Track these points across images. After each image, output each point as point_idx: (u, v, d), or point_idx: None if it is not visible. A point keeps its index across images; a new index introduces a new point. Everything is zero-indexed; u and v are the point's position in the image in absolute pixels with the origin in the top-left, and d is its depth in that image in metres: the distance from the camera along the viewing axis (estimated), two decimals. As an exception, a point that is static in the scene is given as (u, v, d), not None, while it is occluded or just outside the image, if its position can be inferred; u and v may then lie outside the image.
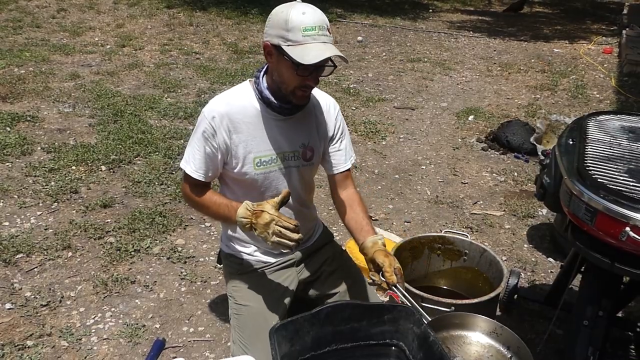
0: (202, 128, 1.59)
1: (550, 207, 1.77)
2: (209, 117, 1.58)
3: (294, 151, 1.68)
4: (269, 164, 1.65)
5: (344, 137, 1.79)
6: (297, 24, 1.42)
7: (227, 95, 1.63)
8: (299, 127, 1.68)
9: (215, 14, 8.08)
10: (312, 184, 1.86)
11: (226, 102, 1.60)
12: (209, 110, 1.59)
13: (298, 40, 1.43)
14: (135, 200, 3.14)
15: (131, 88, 5.01)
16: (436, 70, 6.03)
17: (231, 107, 1.59)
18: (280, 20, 1.45)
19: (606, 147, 1.67)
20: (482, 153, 4.01)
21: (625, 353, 2.17)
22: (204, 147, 1.60)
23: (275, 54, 1.49)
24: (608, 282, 1.65)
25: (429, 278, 2.22)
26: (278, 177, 1.68)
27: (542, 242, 2.90)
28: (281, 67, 1.50)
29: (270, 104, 1.59)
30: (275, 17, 1.47)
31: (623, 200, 1.38)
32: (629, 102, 5.14)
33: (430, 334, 1.34)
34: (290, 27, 1.42)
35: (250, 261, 1.83)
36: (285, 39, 1.44)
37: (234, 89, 1.66)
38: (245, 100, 1.61)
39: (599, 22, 9.17)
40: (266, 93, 1.58)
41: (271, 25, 1.48)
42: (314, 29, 1.43)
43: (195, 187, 1.67)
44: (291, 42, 1.43)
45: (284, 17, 1.44)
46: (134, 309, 2.31)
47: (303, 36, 1.42)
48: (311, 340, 1.42)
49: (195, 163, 1.63)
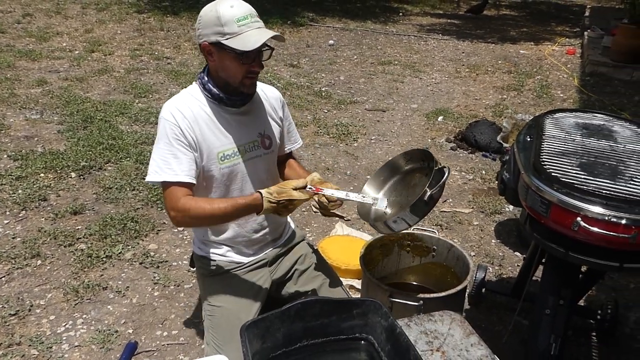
0: (166, 131, 1.58)
1: (510, 201, 1.84)
2: (170, 119, 1.58)
3: (253, 141, 1.73)
4: (232, 157, 1.68)
5: (291, 122, 1.91)
6: (229, 17, 1.50)
7: (179, 99, 1.65)
8: (253, 118, 1.73)
9: (187, 18, 8.04)
10: (277, 175, 1.90)
11: (180, 104, 1.62)
12: (167, 113, 1.60)
13: (235, 32, 1.51)
14: (106, 207, 3.11)
15: (101, 94, 4.95)
16: (406, 73, 6.13)
17: (185, 109, 1.61)
18: (212, 18, 1.52)
19: (561, 143, 1.75)
20: (452, 153, 4.10)
21: (587, 340, 2.26)
22: (177, 149, 1.58)
23: (216, 51, 1.55)
24: (567, 272, 1.73)
25: (399, 275, 2.27)
26: (242, 169, 1.71)
27: (509, 237, 2.99)
28: (224, 61, 1.56)
29: (221, 100, 1.64)
30: (206, 17, 1.54)
31: (575, 192, 1.45)
32: (590, 100, 5.32)
33: (397, 326, 1.39)
34: (224, 21, 1.50)
35: (223, 262, 1.84)
36: (222, 34, 1.51)
37: (183, 93, 1.68)
38: (196, 101, 1.65)
39: (562, 24, 9.46)
40: (215, 91, 1.62)
41: (204, 25, 1.54)
42: (246, 18, 1.52)
43: (186, 195, 1.56)
44: (229, 34, 1.51)
45: (215, 14, 1.51)
46: (106, 314, 2.29)
47: (238, 27, 1.51)
48: (282, 336, 1.44)
49: (174, 168, 1.56)
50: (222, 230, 1.78)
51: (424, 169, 1.73)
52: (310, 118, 4.63)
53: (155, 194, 3.24)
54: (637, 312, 2.45)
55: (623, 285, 2.62)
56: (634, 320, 2.39)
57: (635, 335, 2.30)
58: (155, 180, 1.58)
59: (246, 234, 1.81)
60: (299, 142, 1.96)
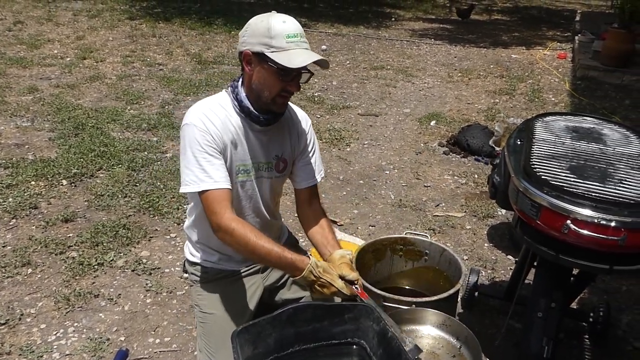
0: (197, 138, 1.53)
1: (501, 204, 1.84)
2: (199, 125, 1.54)
3: (268, 162, 1.69)
4: (246, 173, 1.65)
5: (315, 152, 1.82)
6: (279, 31, 1.47)
7: (206, 106, 1.61)
8: (274, 139, 1.69)
9: (179, 24, 8.04)
10: (280, 195, 1.89)
11: (207, 112, 1.58)
12: (195, 119, 1.55)
13: (282, 47, 1.47)
14: (98, 214, 3.09)
15: (93, 100, 4.93)
16: (399, 77, 6.16)
17: (213, 116, 1.58)
18: (261, 28, 1.49)
19: (551, 146, 1.76)
20: (444, 157, 4.12)
21: (579, 343, 2.27)
22: (211, 155, 1.52)
23: (256, 61, 1.52)
24: (558, 275, 1.74)
25: (392, 279, 2.27)
26: (251, 186, 1.69)
27: (501, 240, 3.00)
28: (263, 73, 1.52)
29: (249, 114, 1.60)
30: (255, 26, 1.51)
31: (565, 195, 1.46)
32: (582, 104, 5.37)
33: (388, 330, 1.39)
34: (273, 34, 1.47)
35: (215, 269, 1.83)
36: (269, 46, 1.48)
37: (212, 100, 1.64)
38: (225, 110, 1.61)
39: (553, 29, 9.55)
40: (246, 103, 1.59)
41: (250, 34, 1.51)
42: (297, 36, 1.49)
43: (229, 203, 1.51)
44: (275, 48, 1.47)
45: (265, 25, 1.48)
46: (98, 322, 2.27)
47: (287, 43, 1.47)
48: (274, 342, 1.44)
49: (213, 175, 1.50)
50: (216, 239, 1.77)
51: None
52: (303, 123, 4.63)
53: (147, 201, 3.22)
54: (629, 314, 2.46)
55: (615, 288, 2.63)
56: (626, 322, 2.40)
57: (627, 338, 2.31)
58: (195, 191, 1.52)
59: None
60: (314, 181, 1.80)
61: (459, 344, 1.58)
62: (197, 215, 1.76)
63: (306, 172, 1.79)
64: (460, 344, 1.57)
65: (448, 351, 1.58)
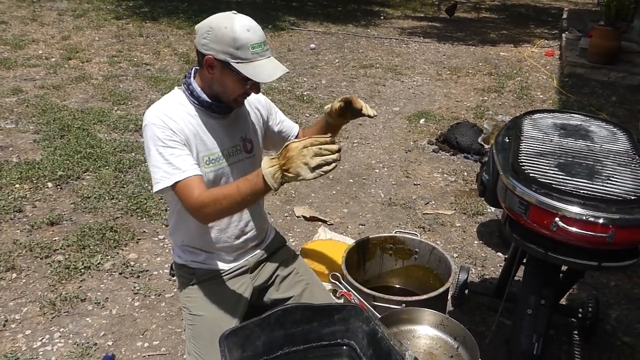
0: (157, 135, 1.53)
1: (489, 202, 1.84)
2: (158, 122, 1.54)
3: (235, 145, 1.71)
4: (217, 162, 1.66)
5: (278, 111, 1.89)
6: (245, 42, 1.47)
7: (162, 105, 1.61)
8: (235, 122, 1.72)
9: (166, 24, 7.97)
10: None
11: (165, 110, 1.59)
12: (154, 118, 1.56)
13: (248, 58, 1.49)
14: (84, 216, 3.05)
15: (78, 102, 4.87)
16: (388, 76, 6.16)
17: (172, 113, 1.58)
18: (226, 37, 1.48)
19: (539, 144, 1.76)
20: (433, 155, 4.12)
21: (569, 339, 2.28)
22: (174, 149, 1.53)
23: (219, 67, 1.52)
24: (547, 272, 1.74)
25: (382, 278, 2.26)
26: (226, 173, 1.70)
27: (491, 238, 3.01)
28: (226, 79, 1.54)
29: (210, 107, 1.62)
30: (219, 32, 1.49)
31: (553, 192, 1.45)
32: (570, 101, 5.40)
33: (378, 331, 1.37)
34: (239, 45, 1.47)
35: (203, 270, 1.81)
36: (234, 56, 1.48)
37: (167, 99, 1.64)
38: (181, 106, 1.62)
39: (541, 27, 9.60)
40: (204, 97, 1.60)
41: (214, 40, 1.50)
42: (260, 46, 1.50)
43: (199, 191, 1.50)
44: (240, 59, 1.49)
45: (230, 34, 1.47)
46: (85, 327, 2.24)
47: (252, 54, 1.49)
48: (262, 344, 1.42)
49: (180, 165, 1.51)
50: (202, 237, 1.76)
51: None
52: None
53: (135, 203, 3.19)
54: (618, 309, 2.47)
55: (604, 284, 2.64)
56: (614, 317, 2.41)
57: (616, 333, 2.32)
58: (167, 185, 1.51)
59: (227, 240, 1.78)
60: (295, 128, 1.94)
61: (456, 344, 1.57)
62: (176, 218, 1.76)
63: (285, 126, 1.89)
64: (457, 344, 1.57)
65: (445, 351, 1.57)
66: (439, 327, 1.62)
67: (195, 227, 1.70)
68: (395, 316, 1.64)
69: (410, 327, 1.64)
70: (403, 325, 1.64)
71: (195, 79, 1.62)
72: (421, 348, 1.58)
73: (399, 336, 1.59)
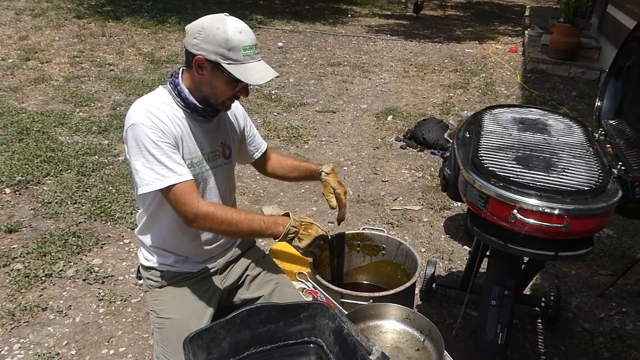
0: (149, 136, 1.49)
1: (452, 197, 1.87)
2: (148, 123, 1.51)
3: (215, 150, 1.70)
4: (197, 166, 1.64)
5: (252, 124, 1.91)
6: (237, 43, 1.47)
7: (149, 103, 1.57)
8: (217, 127, 1.71)
9: (130, 23, 7.81)
10: (234, 185, 1.88)
11: (152, 109, 1.55)
12: (143, 118, 1.51)
13: (239, 60, 1.49)
14: (45, 222, 2.96)
15: (38, 104, 4.72)
16: (356, 74, 6.19)
17: (159, 113, 1.55)
18: (218, 38, 1.47)
19: (498, 138, 1.79)
20: (401, 151, 4.16)
21: (533, 327, 2.34)
22: (168, 150, 1.50)
23: (209, 67, 1.51)
24: (509, 264, 1.78)
25: (350, 275, 2.27)
26: (205, 177, 1.68)
27: (457, 232, 3.06)
28: (216, 81, 1.53)
29: (196, 109, 1.60)
30: (210, 33, 1.47)
31: (511, 185, 1.48)
32: (532, 96, 5.54)
33: (344, 327, 1.38)
34: (231, 46, 1.47)
35: (172, 272, 1.78)
36: (225, 57, 1.48)
37: (152, 97, 1.61)
38: (168, 105, 1.59)
39: (505, 24, 9.82)
40: (191, 99, 1.58)
41: (206, 40, 1.48)
42: (252, 48, 1.51)
43: (200, 197, 1.54)
44: (232, 61, 1.48)
45: (223, 35, 1.46)
46: (47, 337, 2.17)
47: (243, 56, 1.49)
48: (228, 346, 1.41)
49: (175, 169, 1.49)
50: (174, 240, 1.73)
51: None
52: (260, 121, 4.59)
53: (99, 207, 3.11)
54: (579, 296, 2.55)
55: (565, 273, 2.72)
56: (575, 305, 2.49)
57: (577, 320, 2.40)
58: (159, 188, 1.49)
59: (199, 246, 1.75)
60: (264, 145, 1.95)
61: (422, 337, 1.59)
62: (148, 219, 1.71)
63: (255, 142, 1.90)
64: (424, 337, 1.59)
65: (412, 345, 1.59)
66: (405, 322, 1.63)
67: (167, 230, 1.67)
68: (362, 312, 1.65)
69: (377, 322, 1.65)
70: (370, 321, 1.65)
71: (182, 80, 1.59)
72: (388, 343, 1.60)
73: (366, 332, 1.60)
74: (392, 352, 1.58)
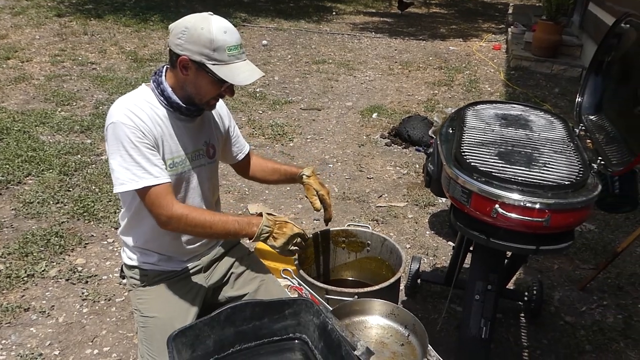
0: (127, 135, 1.48)
1: (435, 192, 1.88)
2: (128, 122, 1.49)
3: (199, 150, 1.68)
4: (179, 165, 1.63)
5: (235, 125, 1.90)
6: (222, 43, 1.46)
7: (130, 101, 1.56)
8: (201, 126, 1.69)
9: (112, 21, 7.71)
10: (217, 184, 1.87)
11: (133, 107, 1.53)
12: (122, 117, 1.50)
13: (224, 60, 1.47)
14: (27, 222, 2.92)
15: (18, 103, 4.65)
16: (341, 71, 6.19)
17: (140, 112, 1.53)
18: (202, 38, 1.45)
19: (480, 134, 1.81)
20: (386, 148, 4.18)
21: (516, 321, 2.37)
22: (146, 151, 1.49)
23: (194, 68, 1.50)
24: (492, 258, 1.80)
25: (335, 271, 2.27)
26: (188, 177, 1.66)
27: (442, 228, 3.08)
28: (201, 81, 1.52)
29: (179, 108, 1.58)
30: (195, 33, 1.46)
31: (493, 180, 1.50)
32: (515, 93, 5.60)
33: (328, 323, 1.38)
34: (215, 47, 1.45)
35: (156, 271, 1.77)
36: (210, 58, 1.46)
37: (134, 95, 1.59)
38: (150, 104, 1.57)
39: (489, 22, 9.90)
40: (174, 99, 1.57)
41: (190, 40, 1.47)
42: (237, 48, 1.49)
43: (175, 199, 1.53)
44: (217, 61, 1.47)
45: (207, 35, 1.45)
46: (29, 337, 2.15)
47: (228, 56, 1.47)
48: (213, 343, 1.40)
49: (152, 170, 1.48)
50: (157, 240, 1.71)
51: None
52: (245, 119, 4.57)
53: (82, 206, 3.08)
54: (561, 290, 2.59)
55: (548, 267, 2.76)
56: (557, 298, 2.53)
57: (559, 313, 2.43)
58: (133, 188, 1.48)
59: (182, 245, 1.74)
60: (247, 147, 1.94)
61: (407, 332, 1.60)
62: (130, 219, 1.70)
63: (239, 143, 1.89)
64: (408, 332, 1.60)
65: (397, 340, 1.60)
66: (389, 317, 1.64)
67: (150, 230, 1.66)
68: (347, 308, 1.65)
69: (361, 318, 1.66)
70: (355, 317, 1.66)
71: (166, 79, 1.58)
72: (373, 338, 1.60)
73: (350, 327, 1.61)
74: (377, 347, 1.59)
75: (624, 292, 2.59)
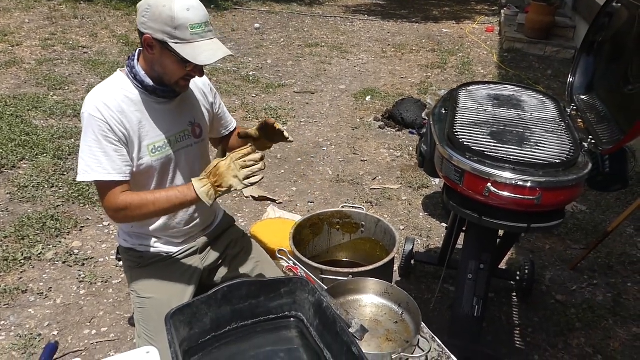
0: (92, 128, 1.49)
1: (428, 172, 1.91)
2: (96, 114, 1.49)
3: (183, 130, 1.67)
4: (163, 149, 1.62)
5: (221, 101, 1.88)
6: (183, 21, 1.41)
7: (103, 90, 1.55)
8: (182, 106, 1.68)
9: (103, 5, 7.60)
10: (209, 162, 1.86)
11: (105, 97, 1.52)
12: (92, 108, 1.50)
13: (186, 39, 1.43)
14: (22, 206, 2.92)
15: (10, 87, 4.60)
16: (334, 54, 6.16)
17: (112, 101, 1.52)
18: (164, 15, 1.42)
19: (473, 114, 1.83)
20: (380, 131, 4.19)
21: (508, 300, 2.41)
22: (106, 146, 1.50)
23: (158, 47, 1.47)
24: (485, 238, 1.83)
25: (330, 253, 2.30)
26: (174, 160, 1.66)
27: (435, 209, 3.11)
28: (166, 61, 1.49)
29: (154, 91, 1.56)
30: (156, 10, 1.43)
31: (485, 159, 1.52)
32: (509, 75, 5.60)
33: (323, 301, 1.41)
34: (177, 24, 1.41)
35: (151, 253, 1.78)
36: (172, 36, 1.43)
37: (108, 83, 1.58)
38: (123, 91, 1.55)
39: (481, 3, 9.83)
40: (148, 81, 1.54)
41: (152, 18, 1.44)
42: (201, 26, 1.44)
43: (121, 193, 1.52)
44: (179, 40, 1.43)
45: (168, 12, 1.41)
46: (27, 319, 2.17)
47: (191, 34, 1.43)
48: (210, 321, 1.43)
49: (106, 166, 1.50)
50: (150, 222, 1.73)
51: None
52: (239, 103, 4.56)
53: (77, 190, 3.08)
54: (552, 270, 2.64)
55: (539, 247, 2.80)
56: (549, 278, 2.57)
57: (550, 292, 2.48)
58: (87, 180, 1.50)
59: (176, 226, 1.76)
60: (234, 123, 1.93)
61: (400, 310, 1.64)
62: None
63: (225, 119, 1.88)
64: (402, 310, 1.63)
65: (390, 317, 1.63)
66: (383, 295, 1.67)
67: None
68: (342, 287, 1.68)
69: (356, 296, 1.69)
70: (350, 296, 1.69)
71: (139, 62, 1.55)
72: (367, 316, 1.64)
73: (345, 306, 1.64)
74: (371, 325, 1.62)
75: (613, 271, 2.64)
